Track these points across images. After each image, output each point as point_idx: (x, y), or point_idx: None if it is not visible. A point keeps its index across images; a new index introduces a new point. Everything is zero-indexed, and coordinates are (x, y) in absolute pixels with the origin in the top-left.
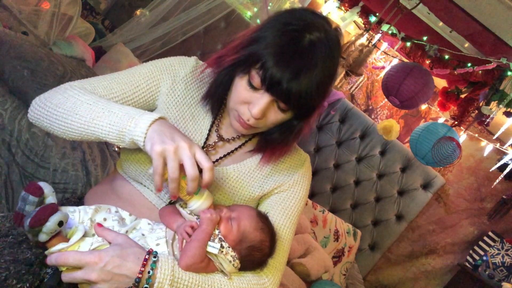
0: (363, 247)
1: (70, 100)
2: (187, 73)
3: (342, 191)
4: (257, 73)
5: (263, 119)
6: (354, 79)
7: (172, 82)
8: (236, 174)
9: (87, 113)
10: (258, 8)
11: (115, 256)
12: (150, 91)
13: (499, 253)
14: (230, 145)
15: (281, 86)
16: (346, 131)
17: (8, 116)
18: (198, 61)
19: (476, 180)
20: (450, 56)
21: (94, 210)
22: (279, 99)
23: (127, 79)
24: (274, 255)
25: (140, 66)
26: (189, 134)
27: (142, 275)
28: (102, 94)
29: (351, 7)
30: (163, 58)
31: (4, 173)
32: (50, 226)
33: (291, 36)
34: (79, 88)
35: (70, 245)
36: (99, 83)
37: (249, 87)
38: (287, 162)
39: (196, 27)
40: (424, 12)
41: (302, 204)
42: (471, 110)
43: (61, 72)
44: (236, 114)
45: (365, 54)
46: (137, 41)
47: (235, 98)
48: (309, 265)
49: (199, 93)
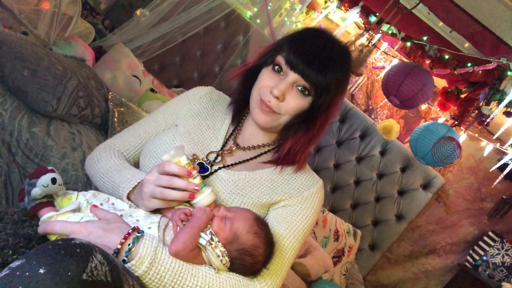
0: (363, 247)
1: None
2: (201, 96)
3: (342, 191)
4: (282, 56)
5: (283, 102)
6: (354, 79)
7: (188, 103)
8: (247, 179)
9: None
10: (258, 8)
11: (100, 228)
12: (169, 123)
13: (499, 253)
14: (246, 153)
15: (304, 62)
16: (346, 131)
17: (8, 116)
18: (214, 89)
19: (476, 180)
20: (450, 56)
21: (92, 195)
22: (302, 75)
23: (145, 124)
24: (271, 263)
25: (163, 107)
26: (206, 141)
27: (122, 247)
28: (128, 147)
29: (351, 7)
30: (183, 93)
31: (4, 173)
32: (44, 178)
33: (311, 30)
34: (111, 153)
35: (59, 213)
36: (131, 137)
37: (273, 72)
38: (299, 180)
39: (196, 27)
40: (424, 12)
41: (309, 223)
42: (471, 110)
43: (61, 72)
44: (258, 99)
45: (365, 54)
46: (137, 41)
47: (259, 84)
48: (309, 265)
49: (214, 110)
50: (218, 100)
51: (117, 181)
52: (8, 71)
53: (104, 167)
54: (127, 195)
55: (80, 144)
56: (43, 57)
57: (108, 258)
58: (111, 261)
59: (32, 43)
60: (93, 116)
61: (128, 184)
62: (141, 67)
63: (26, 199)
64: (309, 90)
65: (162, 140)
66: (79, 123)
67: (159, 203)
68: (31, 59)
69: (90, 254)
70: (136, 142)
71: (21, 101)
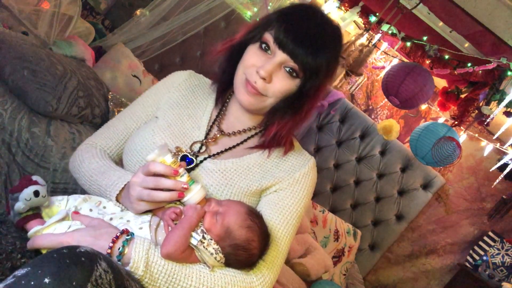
0: (363, 247)
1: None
2: (180, 82)
3: (342, 191)
4: (270, 34)
5: (270, 84)
6: (354, 79)
7: (167, 92)
8: (235, 167)
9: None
10: (258, 8)
11: (88, 235)
12: (149, 114)
13: (499, 253)
14: (231, 140)
15: (294, 41)
16: (346, 131)
17: (8, 116)
18: (193, 72)
19: (476, 180)
20: (450, 56)
21: (83, 200)
22: (291, 56)
23: (125, 118)
24: (266, 254)
25: (139, 98)
26: (188, 132)
27: (112, 251)
28: (111, 145)
29: (351, 7)
30: (161, 80)
31: (4, 173)
32: (26, 192)
33: (301, 6)
34: (93, 153)
35: (45, 226)
36: (110, 134)
37: (260, 50)
38: (289, 161)
39: (196, 27)
40: (424, 12)
41: (301, 205)
42: (471, 110)
43: (61, 72)
44: (243, 79)
45: (365, 54)
46: (137, 41)
47: (245, 63)
48: (309, 265)
49: (194, 97)
50: (198, 85)
51: (103, 184)
52: (8, 71)
53: (87, 169)
54: (116, 198)
55: (80, 144)
56: (43, 57)
57: (112, 266)
58: (115, 268)
59: (32, 43)
60: (93, 116)
61: (114, 188)
62: (141, 67)
63: (11, 213)
64: (298, 72)
65: (142, 137)
66: (79, 123)
67: (148, 205)
68: (31, 59)
69: (95, 262)
70: (118, 139)
71: (21, 101)
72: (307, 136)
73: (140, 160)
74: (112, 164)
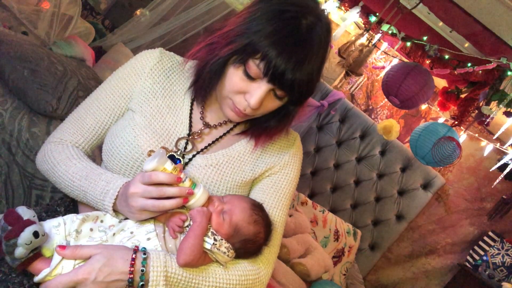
0: (363, 247)
1: (58, 178)
2: (152, 66)
3: (342, 191)
4: (255, 64)
5: (260, 108)
6: (354, 79)
7: (139, 80)
8: (226, 159)
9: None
10: None
11: (102, 265)
12: (122, 107)
13: (499, 253)
14: (217, 131)
15: (286, 76)
16: (346, 131)
17: (8, 116)
18: (164, 51)
19: (476, 180)
20: (450, 56)
21: (81, 220)
22: (282, 89)
23: (95, 110)
24: (269, 243)
25: (105, 84)
26: (170, 127)
27: (134, 275)
28: (82, 141)
29: (351, 7)
30: (125, 63)
31: (4, 173)
32: (25, 236)
33: (288, 23)
34: (61, 157)
35: (52, 269)
36: (75, 131)
37: (246, 77)
38: (277, 143)
39: (196, 27)
40: (424, 12)
41: (294, 185)
42: (471, 110)
43: (61, 72)
44: (230, 103)
45: (365, 54)
46: (137, 41)
47: (230, 88)
48: (309, 265)
49: (170, 83)
50: (171, 68)
51: (90, 192)
52: (8, 71)
53: (65, 173)
54: None
55: None
56: (43, 57)
57: None
58: None
59: (32, 43)
60: None
61: (107, 196)
62: None
63: (8, 258)
64: (285, 95)
65: (123, 139)
66: None
67: (151, 214)
68: (31, 59)
69: None
70: (89, 134)
71: (21, 101)
72: (307, 136)
73: (126, 164)
74: (92, 165)
